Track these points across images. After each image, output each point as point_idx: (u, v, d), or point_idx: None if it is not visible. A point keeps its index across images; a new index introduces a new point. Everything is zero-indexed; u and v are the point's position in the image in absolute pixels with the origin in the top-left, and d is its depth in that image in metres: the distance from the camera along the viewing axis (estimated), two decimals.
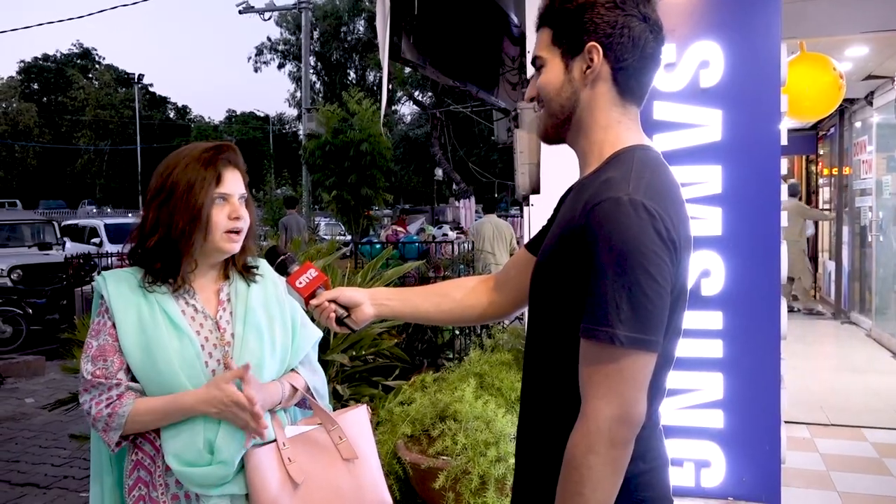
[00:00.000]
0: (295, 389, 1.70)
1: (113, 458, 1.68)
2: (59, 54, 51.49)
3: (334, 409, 1.84)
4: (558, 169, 2.76)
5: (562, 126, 1.35)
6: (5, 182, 44.79)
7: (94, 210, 36.86)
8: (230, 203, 1.66)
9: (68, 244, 14.08)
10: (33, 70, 49.99)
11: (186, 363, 1.58)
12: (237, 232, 1.66)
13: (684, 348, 2.66)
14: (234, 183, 1.67)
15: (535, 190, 3.11)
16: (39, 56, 50.83)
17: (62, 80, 48.62)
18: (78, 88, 47.92)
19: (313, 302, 1.53)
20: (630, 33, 1.26)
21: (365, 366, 3.59)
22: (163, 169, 1.65)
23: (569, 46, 1.30)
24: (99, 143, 46.52)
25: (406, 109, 38.31)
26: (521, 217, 3.71)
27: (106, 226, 15.79)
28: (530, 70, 1.42)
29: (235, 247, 1.67)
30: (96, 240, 15.49)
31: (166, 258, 1.62)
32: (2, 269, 10.60)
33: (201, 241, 1.62)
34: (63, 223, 16.54)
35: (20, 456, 5.09)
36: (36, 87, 49.84)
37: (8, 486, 4.49)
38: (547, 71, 1.33)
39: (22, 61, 50.31)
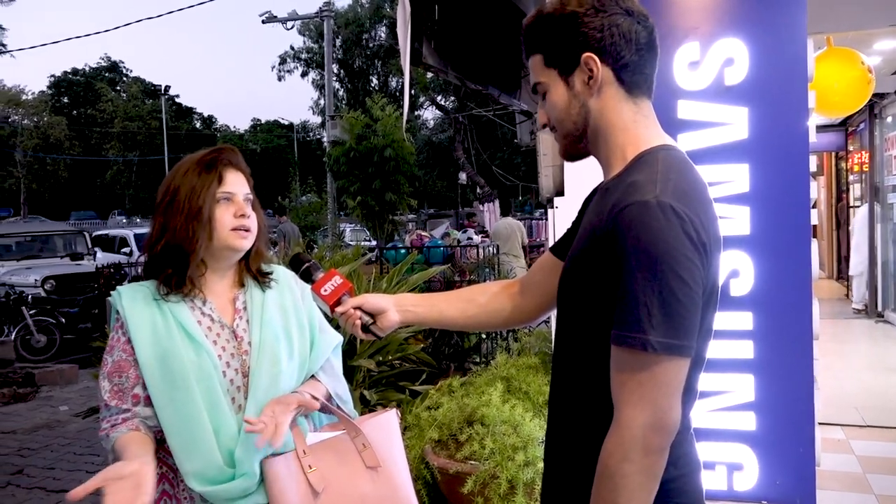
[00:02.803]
0: (314, 400, 1.68)
1: None
2: (87, 68, 52.51)
3: (361, 415, 1.83)
4: (582, 171, 2.74)
5: (580, 141, 1.34)
6: (38, 194, 45.70)
7: (124, 220, 37.45)
8: (234, 202, 1.65)
9: (99, 254, 14.32)
10: (63, 84, 51.01)
11: (204, 375, 1.57)
12: (246, 229, 1.65)
13: (714, 350, 2.62)
14: (236, 183, 1.67)
15: (560, 192, 3.10)
16: (69, 70, 51.89)
17: (91, 93, 49.53)
18: (106, 101, 48.79)
19: (339, 309, 1.51)
20: (619, 31, 1.25)
21: (391, 371, 3.60)
22: (167, 179, 1.66)
23: (564, 64, 1.29)
24: (127, 154, 47.29)
25: (429, 114, 38.45)
26: (546, 220, 3.70)
27: (136, 235, 16.03)
28: None
29: (245, 243, 1.66)
30: (126, 249, 15.74)
31: (174, 262, 1.61)
32: (35, 280, 10.80)
33: (206, 241, 1.61)
34: (94, 234, 16.86)
35: (55, 463, 5.18)
36: (66, 100, 50.86)
37: (44, 493, 4.57)
38: (551, 94, 1.32)
39: (52, 76, 51.45)
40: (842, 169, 12.32)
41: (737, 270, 2.74)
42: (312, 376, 1.75)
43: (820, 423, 2.79)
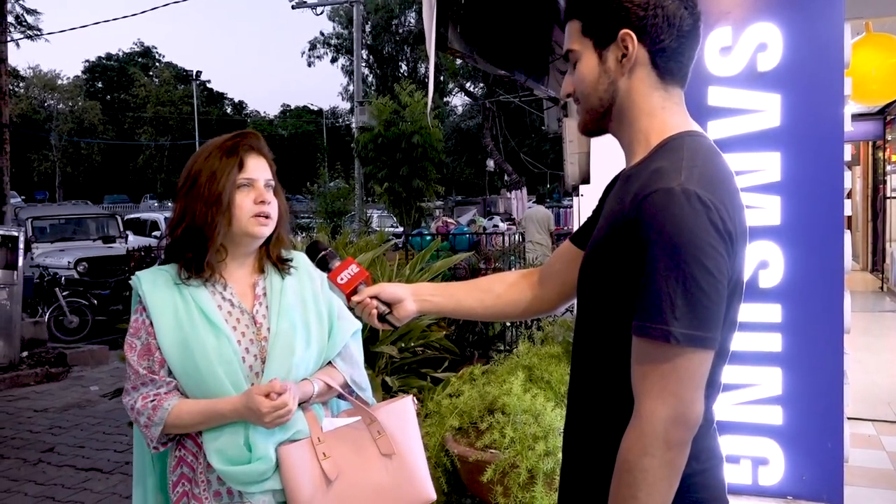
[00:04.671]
0: (329, 386, 1.69)
1: (156, 458, 1.69)
2: (121, 53, 53.27)
3: (382, 401, 1.83)
4: (609, 158, 2.70)
5: (602, 118, 1.30)
6: (72, 178, 46.54)
7: (156, 204, 37.91)
8: (255, 188, 1.65)
9: (131, 237, 14.56)
10: (97, 69, 51.79)
11: (224, 360, 1.58)
12: (266, 216, 1.65)
13: (741, 342, 2.59)
14: (258, 169, 1.66)
15: (585, 180, 3.06)
16: (103, 55, 52.66)
17: (124, 78, 50.21)
18: (139, 86, 49.43)
19: (355, 298, 1.50)
20: (664, 13, 1.20)
21: (414, 357, 3.59)
22: (189, 163, 1.67)
23: (600, 36, 1.25)
24: (159, 138, 47.91)
25: (457, 101, 38.34)
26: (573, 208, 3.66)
27: (166, 219, 16.22)
28: None
29: (264, 231, 1.66)
30: (157, 233, 16.02)
31: (194, 247, 1.62)
32: (69, 262, 11.00)
33: (225, 226, 1.62)
34: (126, 217, 17.14)
35: (85, 441, 5.29)
36: (100, 85, 51.65)
37: (74, 471, 4.67)
38: (581, 65, 1.28)
39: (86, 61, 52.30)
40: (879, 159, 12.02)
41: (766, 261, 2.68)
42: (330, 363, 1.75)
43: (850, 419, 2.73)
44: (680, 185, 1.10)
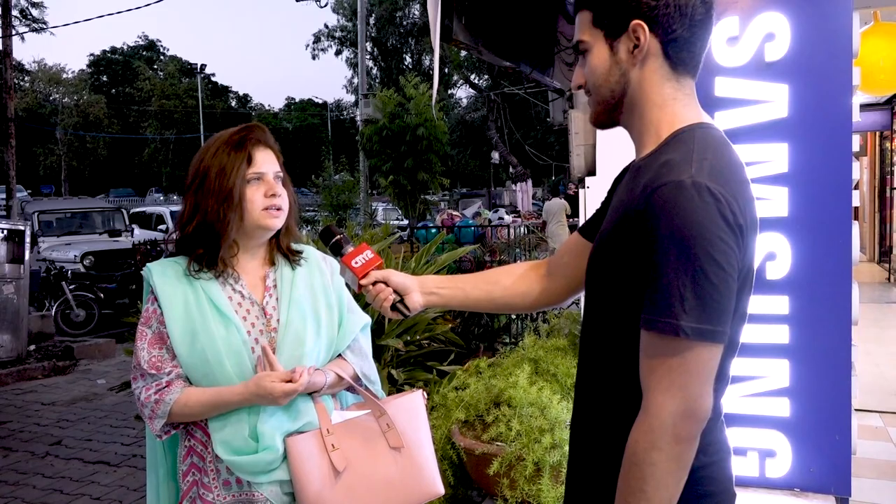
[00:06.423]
0: (340, 378, 1.69)
1: (167, 447, 1.70)
2: (125, 47, 53.31)
3: (389, 394, 1.83)
4: (615, 150, 2.68)
5: (613, 110, 1.29)
6: (78, 172, 46.65)
7: (161, 198, 38.06)
8: (265, 181, 1.65)
9: (137, 231, 14.59)
10: (102, 63, 51.86)
11: (233, 350, 1.59)
12: (277, 208, 1.66)
13: (748, 334, 2.57)
14: (266, 162, 1.67)
15: (591, 172, 3.04)
16: (108, 49, 52.70)
17: (129, 71, 50.29)
18: (144, 80, 49.49)
19: (363, 281, 1.51)
20: (675, 2, 1.18)
21: (419, 350, 3.59)
22: (196, 159, 1.67)
23: (611, 27, 1.23)
24: (164, 132, 47.97)
25: (462, 93, 38.27)
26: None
27: (172, 213, 16.33)
28: None
29: (276, 223, 1.67)
30: (163, 226, 16.04)
31: (206, 243, 1.63)
32: (75, 256, 11.04)
33: (237, 222, 1.62)
34: (132, 211, 17.17)
35: (92, 435, 5.31)
36: (105, 79, 51.73)
37: (81, 464, 4.70)
38: (592, 56, 1.27)
39: (91, 55, 52.40)
40: (887, 149, 11.95)
41: (773, 253, 2.66)
42: (340, 355, 1.75)
43: (857, 410, 2.72)
44: (690, 177, 1.09)
